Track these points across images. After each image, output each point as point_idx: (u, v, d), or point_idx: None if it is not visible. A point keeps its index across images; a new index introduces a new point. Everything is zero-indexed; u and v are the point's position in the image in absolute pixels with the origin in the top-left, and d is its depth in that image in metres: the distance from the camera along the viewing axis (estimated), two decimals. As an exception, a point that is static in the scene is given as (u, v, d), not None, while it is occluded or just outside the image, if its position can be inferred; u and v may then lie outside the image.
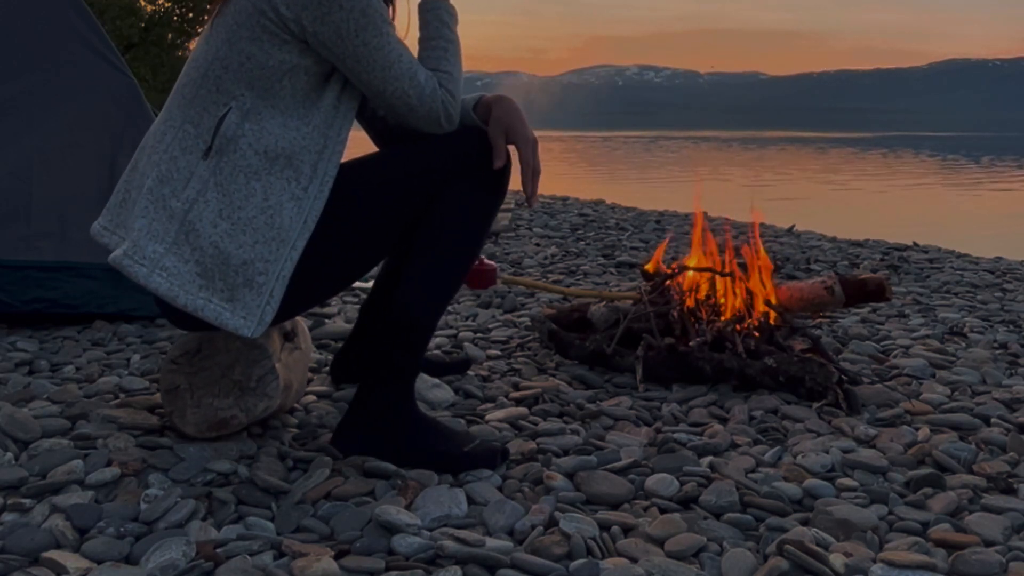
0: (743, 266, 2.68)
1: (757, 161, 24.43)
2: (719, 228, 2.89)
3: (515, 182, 1.87)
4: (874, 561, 1.48)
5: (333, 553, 1.45)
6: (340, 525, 1.56)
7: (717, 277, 2.65)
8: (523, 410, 2.17)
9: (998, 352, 2.86)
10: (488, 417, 2.11)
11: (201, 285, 1.69)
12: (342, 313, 3.14)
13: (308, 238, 1.74)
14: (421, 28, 1.90)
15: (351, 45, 1.71)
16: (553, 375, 2.48)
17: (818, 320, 3.04)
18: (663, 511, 1.65)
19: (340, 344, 2.66)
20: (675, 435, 2.01)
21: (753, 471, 1.85)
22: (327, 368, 2.40)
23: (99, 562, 1.41)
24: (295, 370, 2.03)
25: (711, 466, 1.85)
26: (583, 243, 5.14)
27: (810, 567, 1.44)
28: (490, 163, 1.84)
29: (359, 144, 2.06)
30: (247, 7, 1.72)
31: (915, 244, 5.46)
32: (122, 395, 2.17)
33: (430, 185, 1.82)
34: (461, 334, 2.88)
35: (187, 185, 1.71)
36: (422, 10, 1.91)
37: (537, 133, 1.89)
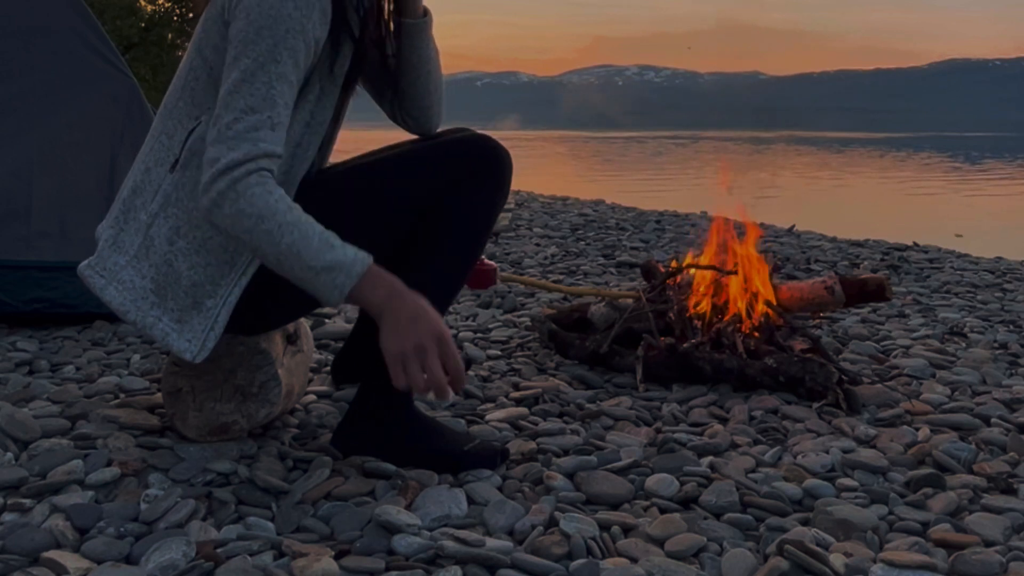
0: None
1: (757, 161, 24.41)
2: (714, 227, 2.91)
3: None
4: (874, 561, 1.48)
5: (333, 553, 1.45)
6: (340, 525, 1.56)
7: (717, 278, 2.65)
8: (523, 410, 2.16)
9: (998, 352, 2.86)
10: (488, 417, 2.11)
11: (154, 303, 1.67)
12: (342, 313, 3.14)
13: (260, 266, 1.66)
14: None
15: (232, 50, 1.58)
16: (553, 375, 2.48)
17: (818, 320, 3.04)
18: (663, 511, 1.65)
19: (340, 344, 2.66)
20: (675, 435, 2.01)
21: (753, 471, 1.85)
22: (327, 368, 2.40)
23: (99, 562, 1.41)
24: (296, 374, 2.02)
25: (711, 466, 1.84)
26: (583, 243, 5.14)
27: (810, 567, 1.44)
28: (493, 167, 1.82)
29: (363, 145, 2.05)
30: (213, 11, 1.68)
31: (915, 244, 5.46)
32: (122, 395, 2.17)
33: (430, 195, 1.79)
34: (461, 334, 2.88)
35: (154, 198, 1.69)
36: None
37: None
